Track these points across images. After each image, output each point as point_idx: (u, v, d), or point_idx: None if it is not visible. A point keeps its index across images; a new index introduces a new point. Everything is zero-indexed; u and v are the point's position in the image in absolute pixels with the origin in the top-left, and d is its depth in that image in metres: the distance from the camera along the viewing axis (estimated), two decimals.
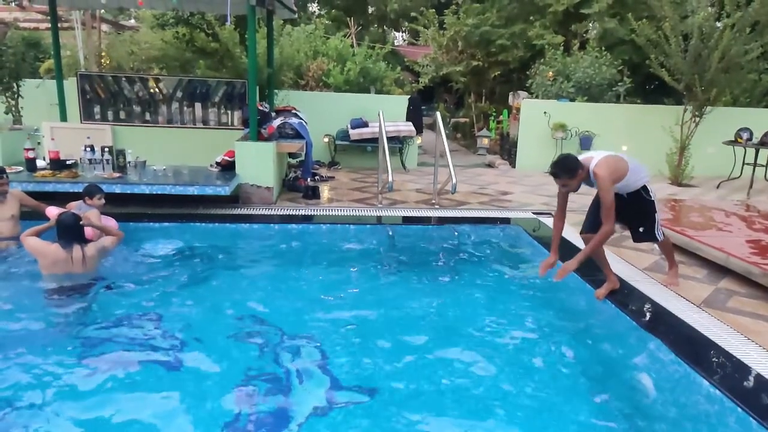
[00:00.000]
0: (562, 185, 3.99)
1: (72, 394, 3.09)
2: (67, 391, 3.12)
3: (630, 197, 4.18)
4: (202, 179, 6.58)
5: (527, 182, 9.90)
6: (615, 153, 4.01)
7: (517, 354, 3.71)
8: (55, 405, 2.98)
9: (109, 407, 2.97)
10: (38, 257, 4.44)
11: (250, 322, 4.07)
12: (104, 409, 2.96)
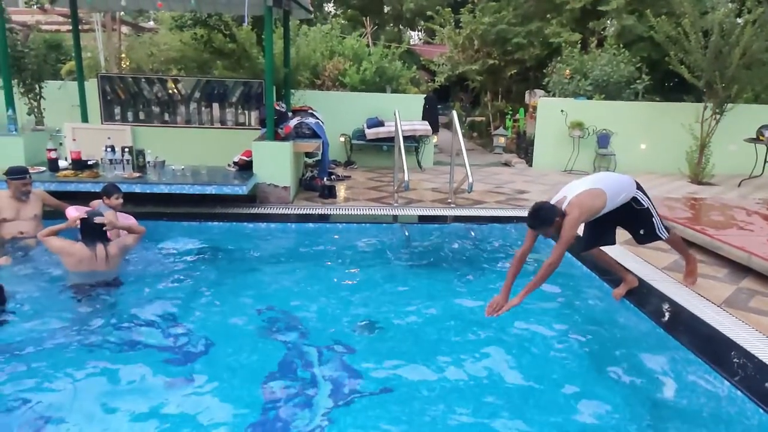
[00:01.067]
0: (541, 234, 3.77)
1: (95, 390, 3.15)
2: (91, 387, 3.18)
3: (620, 210, 3.96)
4: (219, 179, 6.64)
5: (544, 181, 9.84)
6: (592, 186, 3.67)
7: (532, 353, 3.70)
8: (79, 400, 3.04)
9: (132, 403, 3.02)
10: (63, 256, 4.53)
11: (268, 319, 4.12)
12: (127, 404, 3.02)
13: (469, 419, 2.98)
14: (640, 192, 3.97)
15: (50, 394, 3.08)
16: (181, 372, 3.38)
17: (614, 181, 3.84)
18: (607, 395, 3.20)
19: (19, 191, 5.25)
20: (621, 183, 3.87)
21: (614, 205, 3.78)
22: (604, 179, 3.82)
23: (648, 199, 3.99)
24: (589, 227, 4.11)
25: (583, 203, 3.55)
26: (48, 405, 2.99)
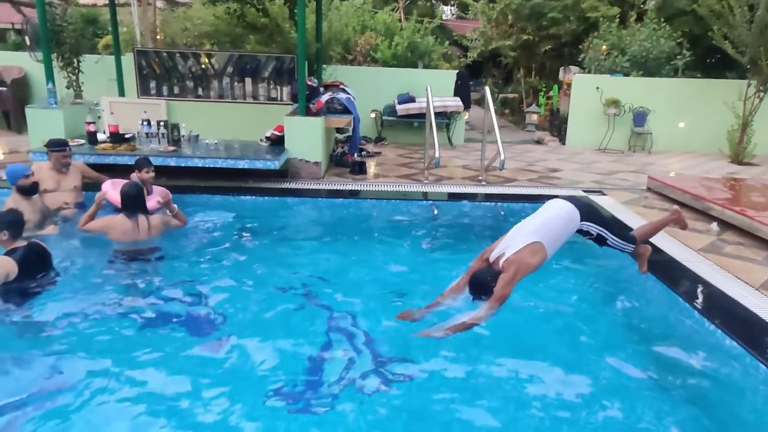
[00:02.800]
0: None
1: (130, 352, 3.28)
2: (127, 349, 3.31)
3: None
4: (252, 153, 6.72)
5: (577, 159, 9.68)
6: (531, 239, 3.42)
7: (561, 335, 3.66)
8: (115, 360, 3.17)
9: (163, 366, 3.14)
10: (106, 232, 4.67)
11: (298, 293, 4.17)
12: (158, 367, 3.14)
13: (494, 400, 3.00)
14: (588, 222, 3.65)
15: (90, 354, 3.23)
16: (210, 338, 3.48)
17: (555, 227, 3.52)
18: (638, 378, 3.17)
19: (60, 163, 5.39)
20: (563, 226, 3.56)
21: (559, 246, 3.56)
22: (545, 226, 3.51)
23: (598, 225, 3.69)
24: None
25: (521, 262, 3.35)
26: (89, 363, 3.13)
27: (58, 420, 2.68)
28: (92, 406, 2.79)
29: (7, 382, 2.93)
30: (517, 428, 2.75)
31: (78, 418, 2.70)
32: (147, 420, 2.72)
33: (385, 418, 2.80)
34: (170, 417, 2.75)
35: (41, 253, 3.90)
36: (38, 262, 3.85)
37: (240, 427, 2.70)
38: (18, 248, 3.75)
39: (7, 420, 2.65)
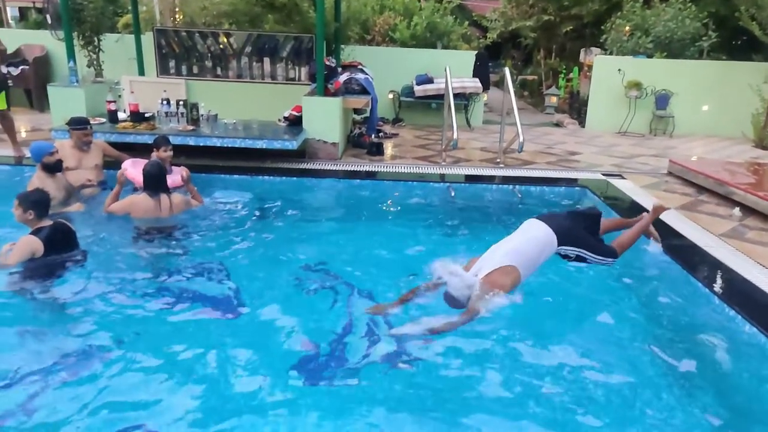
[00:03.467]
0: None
1: (152, 325, 3.38)
2: (149, 322, 3.40)
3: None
4: (270, 133, 6.74)
5: (597, 143, 9.57)
6: (504, 263, 3.34)
7: (580, 320, 3.66)
8: (138, 333, 3.27)
9: (184, 344, 3.20)
10: (129, 212, 4.75)
11: (314, 273, 4.20)
12: (179, 345, 3.19)
13: (517, 380, 3.02)
14: (566, 246, 3.57)
15: (114, 328, 3.31)
16: (230, 315, 3.54)
17: (529, 251, 3.44)
18: (656, 363, 3.16)
19: (81, 141, 5.46)
20: (538, 251, 3.48)
21: (534, 269, 3.50)
22: (519, 249, 3.43)
23: (577, 247, 3.60)
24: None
25: (493, 283, 3.28)
26: (112, 337, 3.22)
27: (82, 392, 2.75)
28: (115, 379, 2.87)
29: (32, 357, 3.01)
30: (537, 412, 2.75)
31: (101, 391, 2.77)
32: (168, 393, 2.79)
33: (403, 395, 2.83)
34: (191, 390, 2.82)
35: (66, 232, 3.98)
36: (63, 241, 3.92)
37: (260, 399, 2.76)
38: (44, 227, 3.83)
39: (31, 392, 2.72)
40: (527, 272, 3.43)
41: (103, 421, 2.57)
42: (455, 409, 2.74)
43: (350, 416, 2.67)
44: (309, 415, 2.66)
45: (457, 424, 2.64)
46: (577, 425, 2.66)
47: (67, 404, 2.65)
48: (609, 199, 5.95)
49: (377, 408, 2.74)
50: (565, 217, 3.75)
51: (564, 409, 2.75)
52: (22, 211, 3.79)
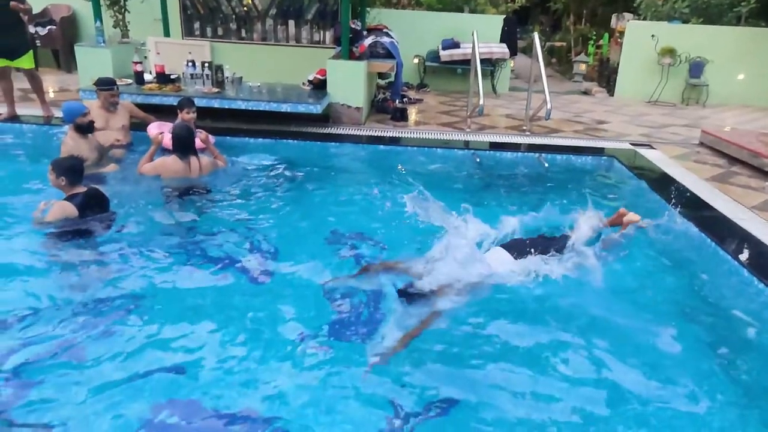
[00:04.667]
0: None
1: (180, 282, 3.47)
2: (176, 280, 3.48)
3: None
4: (294, 97, 6.71)
5: (626, 111, 9.34)
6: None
7: (609, 294, 3.58)
8: (166, 290, 3.35)
9: (209, 303, 3.28)
10: (160, 173, 4.84)
11: (338, 236, 4.23)
12: (203, 298, 3.30)
13: (547, 349, 3.02)
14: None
15: (144, 283, 3.42)
16: (252, 276, 3.60)
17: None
18: (686, 337, 3.12)
19: (108, 102, 5.50)
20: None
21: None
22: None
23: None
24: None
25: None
26: (141, 292, 3.33)
27: (113, 347, 2.84)
28: (144, 337, 2.95)
29: (62, 313, 3.10)
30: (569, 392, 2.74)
31: (130, 345, 2.87)
32: (195, 352, 2.87)
33: (426, 368, 2.84)
34: (217, 349, 2.89)
35: (99, 197, 4.08)
36: (96, 207, 4.01)
37: (287, 360, 2.82)
38: (78, 194, 3.91)
39: (66, 349, 2.82)
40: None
41: (134, 376, 2.66)
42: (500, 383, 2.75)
43: (384, 375, 2.71)
44: (337, 376, 2.71)
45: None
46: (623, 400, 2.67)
47: (96, 363, 2.74)
48: (637, 169, 5.84)
49: (408, 367, 2.78)
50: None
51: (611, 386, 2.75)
52: (55, 177, 3.88)
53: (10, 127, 6.34)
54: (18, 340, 2.84)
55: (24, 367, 2.67)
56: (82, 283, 3.45)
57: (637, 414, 2.55)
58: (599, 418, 2.54)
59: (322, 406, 2.53)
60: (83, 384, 2.58)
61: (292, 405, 2.54)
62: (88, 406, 2.46)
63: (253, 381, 2.68)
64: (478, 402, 2.60)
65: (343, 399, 2.59)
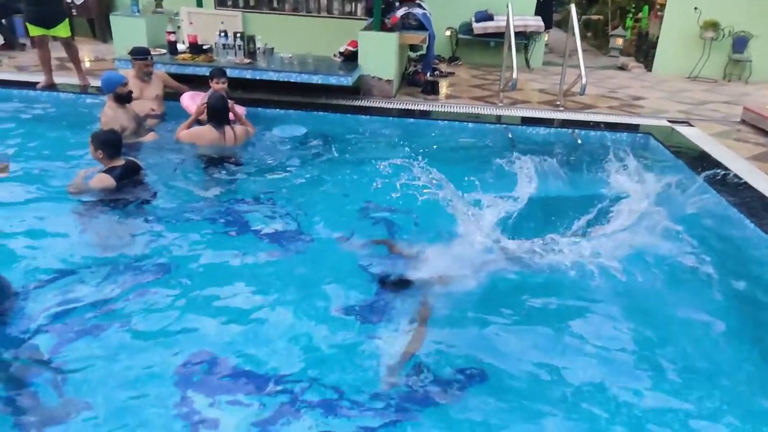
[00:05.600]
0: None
1: (211, 250, 3.55)
2: (207, 248, 3.57)
3: None
4: (325, 68, 6.68)
5: (663, 87, 9.07)
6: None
7: (638, 279, 3.50)
8: (193, 261, 3.44)
9: (241, 270, 3.36)
10: (195, 142, 4.95)
11: (365, 209, 4.24)
12: (231, 268, 3.37)
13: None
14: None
15: (178, 249, 3.53)
16: (279, 247, 3.67)
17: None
18: (726, 323, 3.08)
19: (142, 71, 5.56)
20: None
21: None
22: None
23: None
24: None
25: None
26: (175, 257, 3.45)
27: (147, 308, 2.96)
28: (175, 298, 3.05)
29: (99, 278, 3.20)
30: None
31: (163, 307, 2.98)
32: (227, 311, 2.98)
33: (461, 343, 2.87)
34: (245, 314, 2.98)
35: (137, 170, 4.18)
36: (133, 179, 4.12)
37: (306, 330, 2.88)
38: (116, 167, 4.02)
39: (101, 309, 2.93)
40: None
41: (169, 340, 2.76)
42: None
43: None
44: (366, 350, 2.75)
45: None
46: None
47: (130, 324, 2.85)
48: (674, 146, 5.69)
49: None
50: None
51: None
52: (93, 149, 3.99)
53: (48, 96, 6.47)
54: (54, 302, 2.94)
55: (62, 324, 2.79)
56: (116, 247, 3.56)
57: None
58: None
59: (348, 366, 2.61)
60: (118, 342, 2.71)
61: (319, 365, 2.63)
62: (122, 360, 2.60)
63: (283, 342, 2.77)
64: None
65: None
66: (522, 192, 4.08)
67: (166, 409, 2.35)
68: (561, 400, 2.50)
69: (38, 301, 2.92)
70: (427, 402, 2.45)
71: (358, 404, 2.41)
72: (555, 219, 3.84)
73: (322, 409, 2.39)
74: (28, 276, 3.10)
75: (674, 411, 2.47)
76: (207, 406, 2.37)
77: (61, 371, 2.51)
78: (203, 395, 2.43)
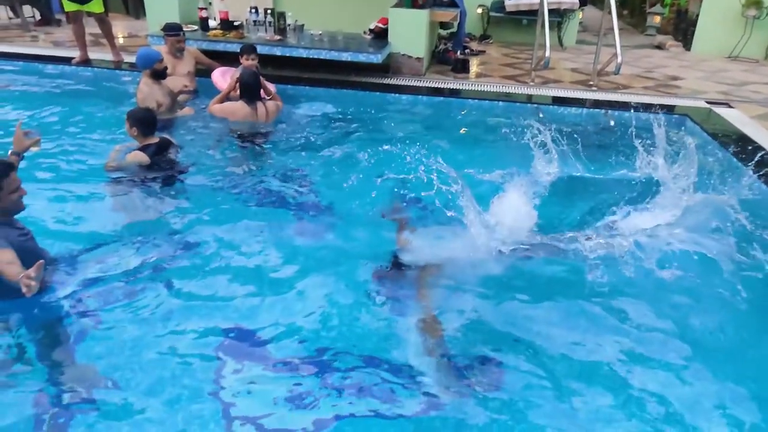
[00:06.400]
0: None
1: (241, 224, 3.60)
2: (236, 226, 3.61)
3: None
4: (355, 46, 6.64)
5: (703, 67, 8.79)
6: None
7: (675, 261, 3.38)
8: (225, 235, 3.50)
9: (263, 242, 3.44)
10: (228, 117, 5.02)
11: (393, 186, 4.23)
12: (259, 243, 3.44)
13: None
14: None
15: (209, 222, 3.62)
16: (307, 222, 3.75)
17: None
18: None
19: (175, 48, 5.61)
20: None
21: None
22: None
23: None
24: None
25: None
26: (206, 229, 3.53)
27: (180, 280, 3.05)
28: (207, 272, 3.14)
29: (135, 252, 3.29)
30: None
31: (194, 280, 3.07)
32: (253, 285, 3.05)
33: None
34: (274, 287, 3.06)
35: (170, 147, 4.26)
36: (167, 156, 4.20)
37: (334, 303, 2.93)
38: (151, 144, 4.09)
39: (134, 279, 3.02)
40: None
41: (199, 311, 2.84)
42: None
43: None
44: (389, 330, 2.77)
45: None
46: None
47: (162, 297, 2.93)
48: (712, 129, 5.54)
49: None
50: None
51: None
52: (129, 126, 4.06)
53: (82, 71, 6.59)
54: (88, 272, 3.03)
55: (96, 292, 2.89)
56: (149, 221, 3.67)
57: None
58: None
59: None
60: (149, 311, 2.81)
61: (345, 338, 2.69)
62: (155, 328, 2.70)
63: (311, 315, 2.84)
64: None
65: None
66: (549, 174, 4.03)
67: (195, 376, 2.44)
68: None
69: (73, 273, 3.00)
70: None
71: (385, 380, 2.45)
72: (582, 204, 3.80)
73: (350, 383, 2.44)
74: (62, 247, 3.19)
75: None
76: (234, 373, 2.45)
77: (94, 337, 2.61)
78: (232, 362, 2.51)
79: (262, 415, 2.28)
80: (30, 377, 2.42)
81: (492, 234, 3.32)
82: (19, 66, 6.66)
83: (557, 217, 3.83)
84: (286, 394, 2.36)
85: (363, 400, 2.35)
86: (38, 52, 7.23)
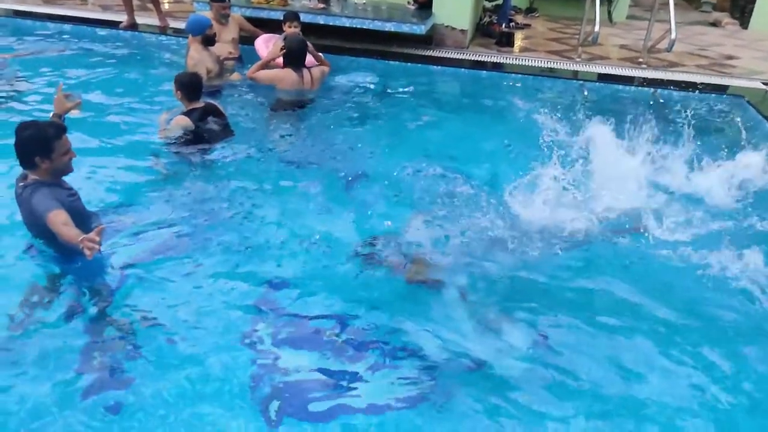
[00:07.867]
0: None
1: (281, 194, 3.69)
2: (278, 191, 3.72)
3: None
4: (399, 16, 6.56)
5: (760, 47, 8.38)
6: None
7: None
8: (267, 199, 3.61)
9: (294, 209, 3.52)
10: (275, 83, 5.04)
11: (430, 160, 4.20)
12: (292, 208, 3.52)
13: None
14: None
15: (251, 189, 3.70)
16: (350, 192, 3.78)
17: None
18: None
19: (220, 14, 5.63)
20: None
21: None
22: None
23: None
24: None
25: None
26: (249, 195, 3.63)
27: (220, 244, 3.15)
28: (248, 232, 3.26)
29: (178, 208, 3.40)
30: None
31: (235, 244, 3.16)
32: (290, 252, 3.15)
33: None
34: (316, 246, 3.17)
35: (216, 113, 4.30)
36: (212, 121, 4.24)
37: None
38: (196, 109, 4.15)
39: (177, 244, 3.12)
40: None
41: (238, 273, 2.94)
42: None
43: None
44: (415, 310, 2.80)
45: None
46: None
47: (208, 255, 3.04)
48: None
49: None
50: None
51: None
52: (175, 90, 4.13)
53: (130, 35, 6.69)
54: (134, 233, 3.13)
55: (140, 254, 3.00)
56: (192, 186, 3.73)
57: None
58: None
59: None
60: (190, 272, 2.92)
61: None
62: (198, 287, 2.82)
63: (347, 281, 2.94)
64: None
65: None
66: (590, 157, 3.92)
67: (231, 336, 2.53)
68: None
69: (119, 235, 3.10)
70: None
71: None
72: (625, 187, 3.70)
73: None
74: (109, 211, 3.28)
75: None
76: (269, 336, 2.55)
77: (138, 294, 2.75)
78: (268, 326, 2.60)
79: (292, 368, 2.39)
80: (81, 333, 2.54)
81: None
82: (67, 29, 6.79)
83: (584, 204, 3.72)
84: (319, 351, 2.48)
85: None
86: (87, 15, 7.36)
